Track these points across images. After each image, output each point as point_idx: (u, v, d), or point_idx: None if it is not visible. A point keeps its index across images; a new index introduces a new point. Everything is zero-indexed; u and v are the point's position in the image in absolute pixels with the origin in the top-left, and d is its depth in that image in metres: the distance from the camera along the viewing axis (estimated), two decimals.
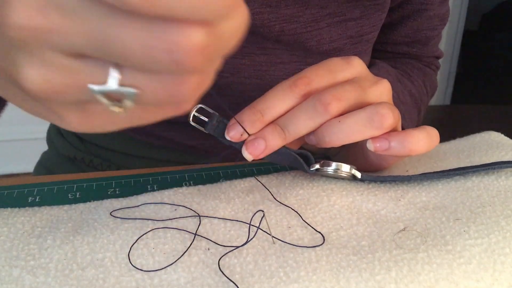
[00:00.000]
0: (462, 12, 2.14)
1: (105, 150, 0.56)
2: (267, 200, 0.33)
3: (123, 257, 0.27)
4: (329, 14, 0.47)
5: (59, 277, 0.26)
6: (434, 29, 0.58)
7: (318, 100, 0.32)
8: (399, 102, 0.52)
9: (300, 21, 0.46)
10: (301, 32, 0.46)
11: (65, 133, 0.59)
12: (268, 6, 0.44)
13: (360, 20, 0.49)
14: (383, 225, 0.30)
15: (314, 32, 0.47)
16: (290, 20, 0.45)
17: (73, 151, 0.57)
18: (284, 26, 0.45)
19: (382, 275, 0.26)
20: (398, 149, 0.32)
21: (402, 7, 0.55)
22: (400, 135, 0.32)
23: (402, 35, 0.58)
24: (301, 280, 0.25)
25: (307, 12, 0.45)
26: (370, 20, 0.50)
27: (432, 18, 0.56)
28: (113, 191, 0.36)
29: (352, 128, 0.32)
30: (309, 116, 0.32)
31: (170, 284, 0.26)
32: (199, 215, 0.31)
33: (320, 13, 0.46)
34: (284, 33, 0.46)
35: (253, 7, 0.43)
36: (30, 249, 0.28)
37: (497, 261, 0.27)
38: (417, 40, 0.58)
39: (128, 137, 0.54)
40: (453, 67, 2.26)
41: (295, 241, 0.29)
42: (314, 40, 0.47)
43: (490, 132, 0.43)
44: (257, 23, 0.44)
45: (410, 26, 0.57)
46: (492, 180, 0.35)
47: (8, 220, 0.31)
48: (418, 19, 0.56)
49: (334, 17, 0.47)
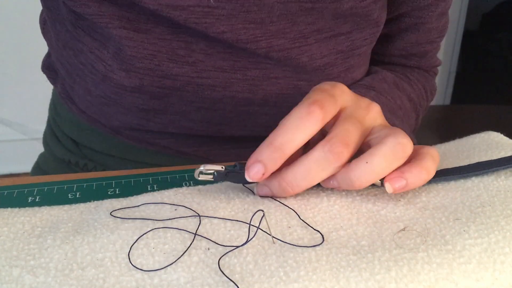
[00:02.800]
0: (462, 12, 2.14)
1: (99, 154, 0.56)
2: (267, 200, 0.33)
3: (123, 257, 0.27)
4: (317, 30, 0.46)
5: (59, 277, 0.26)
6: (432, 42, 0.57)
7: (330, 151, 0.31)
8: (396, 107, 0.51)
9: (288, 37, 0.45)
10: (290, 47, 0.46)
11: (60, 137, 0.59)
12: (253, 23, 0.43)
13: (350, 35, 0.48)
14: (383, 225, 0.30)
15: (304, 48, 0.46)
16: (277, 36, 0.45)
17: (68, 154, 0.57)
18: (272, 42, 0.45)
19: (382, 275, 0.26)
20: (415, 183, 0.32)
21: (400, 20, 0.54)
22: (413, 170, 0.32)
23: (399, 48, 0.57)
24: (301, 279, 0.25)
25: (294, 29, 0.45)
26: (361, 34, 0.49)
27: (431, 31, 0.55)
28: (113, 191, 0.36)
29: (382, 165, 0.31)
30: (322, 167, 0.31)
31: (170, 284, 0.26)
32: (199, 215, 0.31)
33: (307, 30, 0.46)
34: (273, 48, 0.45)
35: (237, 23, 0.42)
36: (30, 249, 0.28)
37: (497, 261, 0.27)
38: (415, 53, 0.57)
39: (121, 142, 0.54)
40: (453, 67, 2.26)
41: (295, 241, 0.29)
42: (305, 56, 0.47)
43: (490, 132, 0.43)
44: (243, 38, 0.43)
45: (407, 39, 0.55)
46: (492, 180, 0.35)
47: (8, 220, 0.31)
48: (416, 33, 0.55)
49: (323, 33, 0.46)
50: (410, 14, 0.53)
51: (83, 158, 0.56)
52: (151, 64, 0.44)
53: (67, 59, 0.50)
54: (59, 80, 0.57)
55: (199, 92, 0.47)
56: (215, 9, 0.41)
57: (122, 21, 0.43)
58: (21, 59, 1.65)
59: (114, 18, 0.43)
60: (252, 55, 0.46)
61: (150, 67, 0.45)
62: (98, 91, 0.48)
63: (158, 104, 0.48)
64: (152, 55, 0.44)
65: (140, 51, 0.44)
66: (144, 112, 0.49)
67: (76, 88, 0.52)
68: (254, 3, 0.42)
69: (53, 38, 0.52)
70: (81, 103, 0.53)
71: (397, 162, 0.32)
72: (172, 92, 0.47)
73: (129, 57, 0.44)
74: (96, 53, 0.46)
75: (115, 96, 0.47)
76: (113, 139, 0.54)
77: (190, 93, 0.47)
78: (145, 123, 0.50)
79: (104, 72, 0.46)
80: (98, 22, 0.43)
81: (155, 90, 0.46)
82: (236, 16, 0.42)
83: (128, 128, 0.52)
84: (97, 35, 0.46)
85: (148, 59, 0.44)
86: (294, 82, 0.49)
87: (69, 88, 0.54)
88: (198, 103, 0.48)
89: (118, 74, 0.45)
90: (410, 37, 0.55)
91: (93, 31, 0.46)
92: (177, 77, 0.45)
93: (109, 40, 0.45)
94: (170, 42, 0.44)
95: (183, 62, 0.45)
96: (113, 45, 0.45)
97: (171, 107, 0.48)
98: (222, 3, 0.41)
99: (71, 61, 0.50)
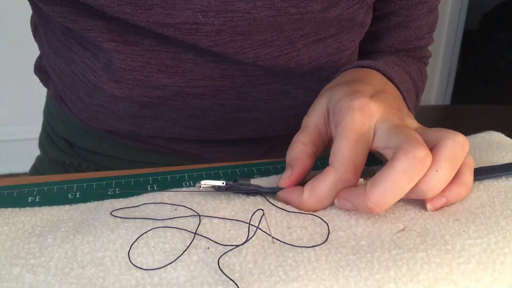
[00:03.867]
0: (462, 12, 2.14)
1: (93, 154, 0.56)
2: (267, 201, 0.33)
3: (123, 256, 0.28)
4: (304, 35, 0.46)
5: (59, 276, 0.26)
6: (422, 39, 0.56)
7: (415, 157, 0.29)
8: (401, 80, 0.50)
9: (275, 45, 0.45)
10: (277, 55, 0.45)
11: (55, 138, 0.59)
12: (240, 35, 0.43)
13: (337, 37, 0.48)
14: (382, 225, 0.31)
15: (291, 54, 0.46)
16: (264, 45, 0.44)
17: (62, 155, 0.57)
18: (259, 51, 0.44)
19: (381, 274, 0.26)
20: (455, 200, 0.32)
21: (388, 18, 0.53)
22: (455, 188, 0.32)
23: (388, 45, 0.56)
24: (300, 279, 0.26)
25: (281, 36, 0.44)
26: (348, 35, 0.48)
27: (420, 28, 0.54)
28: (113, 191, 0.36)
29: (449, 169, 0.30)
30: (411, 178, 0.29)
31: (170, 283, 0.26)
32: (199, 214, 0.31)
33: (294, 35, 0.45)
34: (259, 58, 0.45)
35: (224, 37, 0.42)
36: (31, 248, 0.28)
37: (496, 261, 0.27)
38: (404, 49, 0.56)
39: (115, 141, 0.54)
40: (453, 67, 2.26)
41: (294, 241, 0.29)
42: (293, 62, 0.46)
43: (491, 132, 0.43)
44: (230, 51, 0.43)
45: (396, 37, 0.55)
46: (492, 181, 0.35)
47: (9, 219, 0.31)
48: (404, 30, 0.54)
49: (310, 37, 0.46)
50: (398, 13, 0.52)
51: (77, 159, 0.56)
52: (140, 76, 0.45)
53: (59, 66, 0.50)
54: (51, 82, 0.57)
55: (189, 101, 0.47)
56: (203, 26, 0.41)
57: (111, 34, 0.43)
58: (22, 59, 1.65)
59: (103, 31, 0.42)
60: (240, 63, 0.46)
61: (139, 79, 0.45)
62: (89, 99, 0.48)
63: (149, 112, 0.48)
64: (141, 67, 0.44)
65: (129, 63, 0.44)
66: (135, 119, 0.49)
67: (68, 94, 0.52)
68: (243, 17, 0.41)
69: (45, 44, 0.52)
70: (74, 107, 0.53)
71: (460, 162, 0.31)
72: (162, 102, 0.47)
73: (118, 68, 0.44)
74: (87, 63, 0.46)
75: (107, 105, 0.47)
76: (107, 138, 0.54)
77: (179, 102, 0.47)
78: (137, 129, 0.50)
79: (95, 82, 0.46)
80: (88, 36, 0.43)
81: (145, 100, 0.46)
82: (224, 31, 0.42)
83: (121, 133, 0.52)
84: (88, 45, 0.46)
85: (138, 71, 0.44)
86: (283, 87, 0.49)
87: (61, 92, 0.54)
88: (188, 111, 0.48)
89: (109, 84, 0.45)
90: (399, 35, 0.54)
91: (84, 42, 0.46)
92: (166, 87, 0.46)
93: (100, 51, 0.45)
94: (158, 53, 0.44)
95: (172, 72, 0.45)
96: (104, 56, 0.45)
97: (162, 114, 0.48)
98: (210, 18, 0.41)
99: (62, 69, 0.49)
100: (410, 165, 0.29)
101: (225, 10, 0.41)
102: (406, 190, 0.29)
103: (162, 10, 0.40)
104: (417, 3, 0.51)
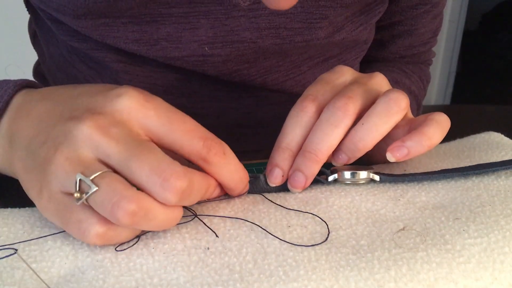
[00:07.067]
0: (462, 12, 2.14)
1: None
2: (268, 200, 0.33)
3: (122, 257, 0.27)
4: (309, 58, 0.46)
5: (61, 284, 0.26)
6: (426, 44, 0.57)
7: (333, 106, 0.32)
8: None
9: (281, 70, 0.45)
10: (284, 80, 0.46)
11: None
12: (246, 63, 0.43)
13: (341, 56, 0.48)
14: (382, 225, 0.30)
15: (297, 78, 0.46)
16: (271, 71, 0.45)
17: None
18: (266, 78, 0.45)
19: (381, 274, 0.26)
20: (418, 150, 0.32)
21: (393, 28, 0.54)
22: (414, 137, 0.32)
23: (392, 52, 0.56)
24: (300, 279, 0.25)
25: (287, 61, 0.45)
26: (351, 54, 0.49)
27: (424, 34, 0.55)
28: None
29: (377, 123, 0.32)
30: (332, 124, 0.32)
31: (170, 284, 0.26)
32: (195, 214, 0.31)
33: (299, 59, 0.45)
34: (267, 84, 0.45)
35: (231, 66, 0.42)
36: (31, 251, 0.28)
37: (496, 260, 0.27)
38: (408, 55, 0.57)
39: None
40: (453, 67, 2.26)
41: (294, 240, 0.29)
42: (299, 86, 0.47)
43: (490, 132, 0.43)
44: (237, 79, 0.43)
45: (400, 44, 0.55)
46: (492, 180, 0.35)
47: (8, 220, 0.31)
48: (409, 38, 0.55)
49: (314, 59, 0.46)
50: (403, 22, 0.53)
51: None
52: None
53: (61, 81, 0.50)
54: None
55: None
56: (210, 57, 0.41)
57: (119, 55, 0.43)
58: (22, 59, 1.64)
59: (111, 52, 0.42)
60: (247, 86, 0.46)
61: None
62: None
63: None
64: (148, 88, 0.44)
65: (136, 84, 0.43)
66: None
67: None
68: (249, 46, 0.42)
69: (46, 56, 0.51)
70: None
71: (394, 117, 0.32)
72: None
73: None
74: (91, 81, 0.46)
75: None
76: None
77: None
78: None
79: None
80: (95, 56, 0.43)
81: None
82: (231, 60, 0.42)
83: None
84: (92, 63, 0.45)
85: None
86: (289, 106, 0.49)
87: None
88: None
89: None
90: (404, 42, 0.55)
91: (88, 59, 0.45)
92: None
93: (105, 69, 0.44)
94: (165, 74, 0.44)
95: (178, 93, 0.45)
96: (109, 76, 0.44)
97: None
98: (217, 50, 0.41)
99: (64, 83, 0.49)
100: (330, 114, 0.32)
101: (231, 41, 0.41)
102: (334, 137, 0.32)
103: (168, 44, 0.40)
104: (422, 12, 0.52)
